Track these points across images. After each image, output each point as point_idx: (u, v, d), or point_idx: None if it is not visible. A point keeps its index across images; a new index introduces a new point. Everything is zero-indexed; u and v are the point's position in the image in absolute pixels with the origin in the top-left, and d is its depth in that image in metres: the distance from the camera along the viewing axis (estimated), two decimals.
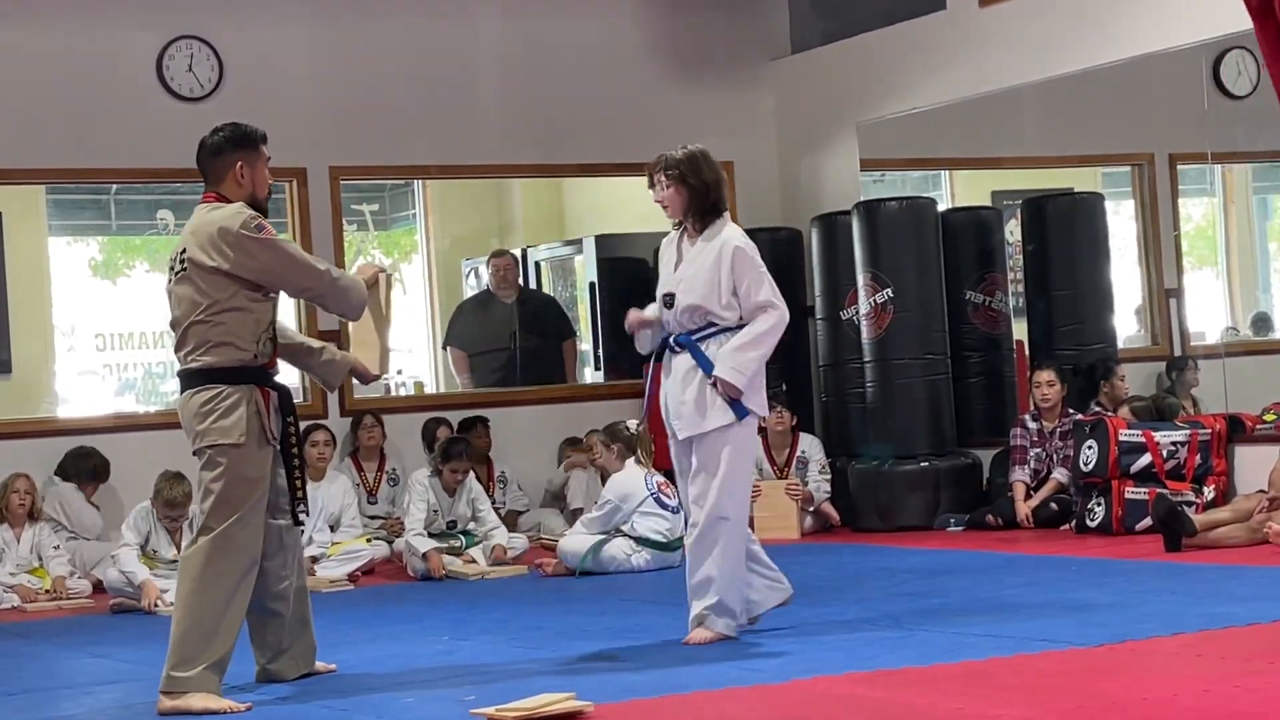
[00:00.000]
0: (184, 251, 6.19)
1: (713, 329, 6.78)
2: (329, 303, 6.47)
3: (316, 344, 6.75)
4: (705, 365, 6.73)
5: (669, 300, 6.84)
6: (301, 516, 6.34)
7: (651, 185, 7.01)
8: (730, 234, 6.89)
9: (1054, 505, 10.48)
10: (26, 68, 11.11)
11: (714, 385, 6.68)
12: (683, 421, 6.75)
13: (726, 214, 7.00)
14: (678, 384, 6.78)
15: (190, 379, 6.18)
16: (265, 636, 6.41)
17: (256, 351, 6.15)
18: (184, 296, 6.17)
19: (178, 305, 6.21)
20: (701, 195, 6.91)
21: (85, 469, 10.68)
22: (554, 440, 12.20)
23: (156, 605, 8.92)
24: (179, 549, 9.23)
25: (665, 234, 13.56)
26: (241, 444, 6.06)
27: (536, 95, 12.33)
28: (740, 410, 6.69)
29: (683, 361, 6.80)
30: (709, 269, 6.78)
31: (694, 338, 6.78)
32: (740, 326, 6.76)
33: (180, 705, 5.90)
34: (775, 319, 6.80)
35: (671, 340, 6.86)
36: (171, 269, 6.26)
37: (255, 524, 6.13)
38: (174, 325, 6.25)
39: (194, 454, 6.21)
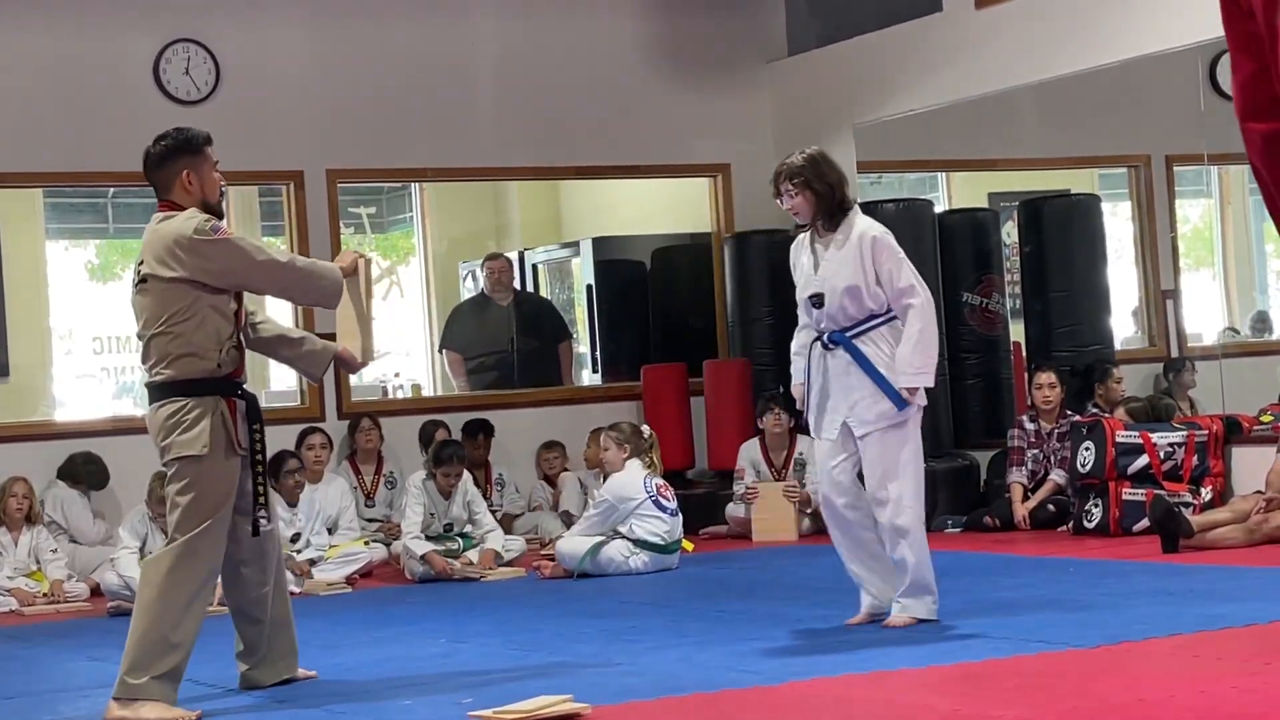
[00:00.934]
0: (141, 264, 6.13)
1: (866, 323, 6.90)
2: (297, 294, 6.41)
3: (297, 334, 6.65)
4: (864, 363, 6.85)
5: (818, 300, 6.97)
6: (262, 524, 6.24)
7: (778, 195, 7.09)
8: (865, 225, 6.99)
9: (1051, 506, 10.49)
10: (23, 71, 11.11)
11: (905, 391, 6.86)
12: (855, 418, 6.89)
13: (855, 207, 7.09)
14: (839, 381, 6.93)
15: (156, 392, 6.12)
16: (245, 642, 6.38)
17: (220, 360, 6.08)
18: (144, 309, 6.11)
19: (139, 317, 6.16)
20: (828, 198, 7.00)
21: (91, 474, 10.67)
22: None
23: None
24: None
25: (661, 236, 13.50)
26: (204, 455, 5.99)
27: (533, 98, 12.34)
28: (900, 403, 6.86)
29: (840, 360, 6.92)
30: (851, 262, 6.91)
31: (848, 335, 6.90)
32: (888, 314, 6.88)
33: (127, 715, 5.85)
34: (919, 309, 6.88)
35: (825, 338, 6.97)
36: (133, 281, 6.21)
37: (219, 534, 6.06)
38: (138, 337, 6.21)
39: (164, 466, 6.17)
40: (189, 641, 5.98)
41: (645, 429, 10.17)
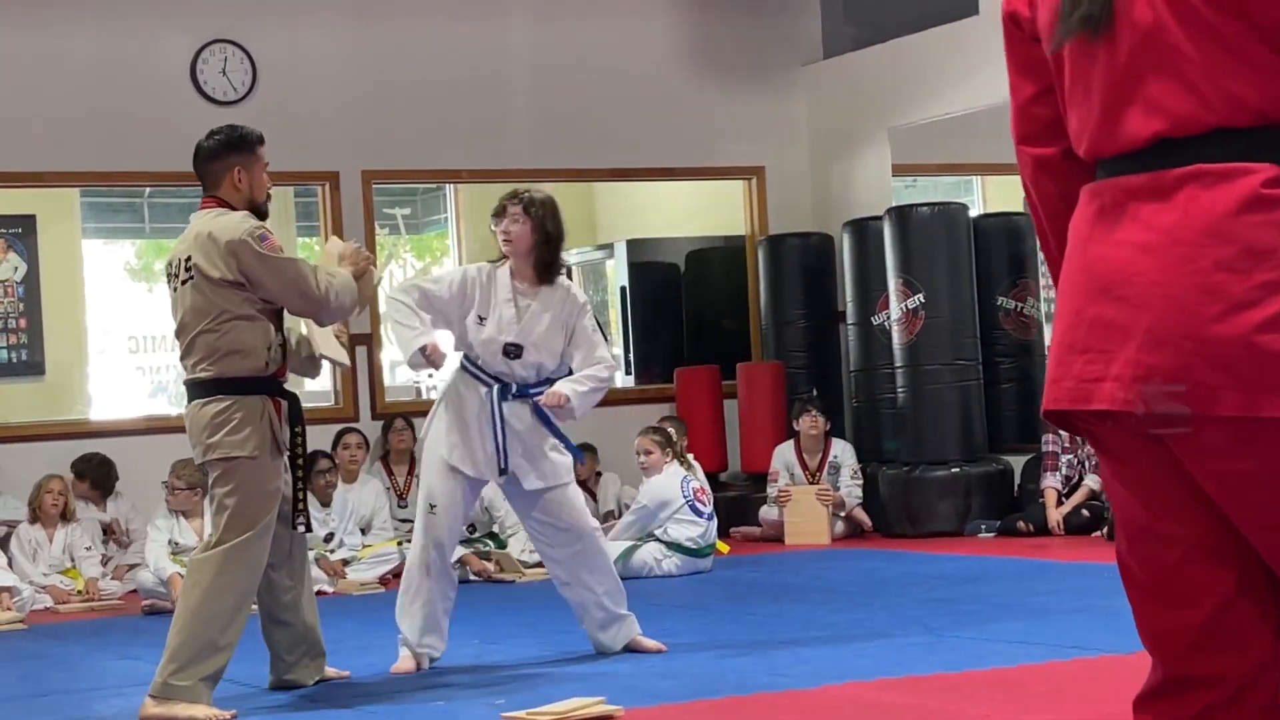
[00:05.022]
0: (188, 259, 6.04)
1: (546, 384, 6.80)
2: (323, 319, 6.26)
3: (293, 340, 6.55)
4: (548, 423, 6.83)
5: (514, 350, 6.85)
6: (300, 527, 6.26)
7: (501, 214, 6.96)
8: (573, 288, 7.06)
9: (1086, 512, 10.46)
10: (61, 71, 11.16)
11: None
12: (536, 473, 6.82)
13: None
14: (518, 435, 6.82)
15: (199, 389, 6.05)
16: (275, 645, 6.37)
17: (268, 360, 6.04)
18: (190, 305, 6.04)
19: (183, 313, 6.08)
20: (555, 244, 6.94)
21: (100, 477, 10.64)
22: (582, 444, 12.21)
23: None
24: (200, 537, 9.41)
25: (695, 238, 13.56)
26: (256, 457, 5.96)
27: (568, 100, 12.35)
28: (578, 454, 7.17)
29: (520, 414, 6.80)
30: (560, 324, 6.84)
31: (531, 391, 6.77)
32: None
33: (164, 713, 5.83)
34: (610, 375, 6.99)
35: (514, 390, 6.81)
36: (174, 275, 6.12)
37: (266, 537, 6.04)
38: (179, 333, 6.12)
39: (199, 466, 6.15)
40: (234, 644, 5.98)
41: (671, 428, 10.19)
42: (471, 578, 9.82)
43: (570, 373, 6.73)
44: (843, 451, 11.51)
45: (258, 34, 11.57)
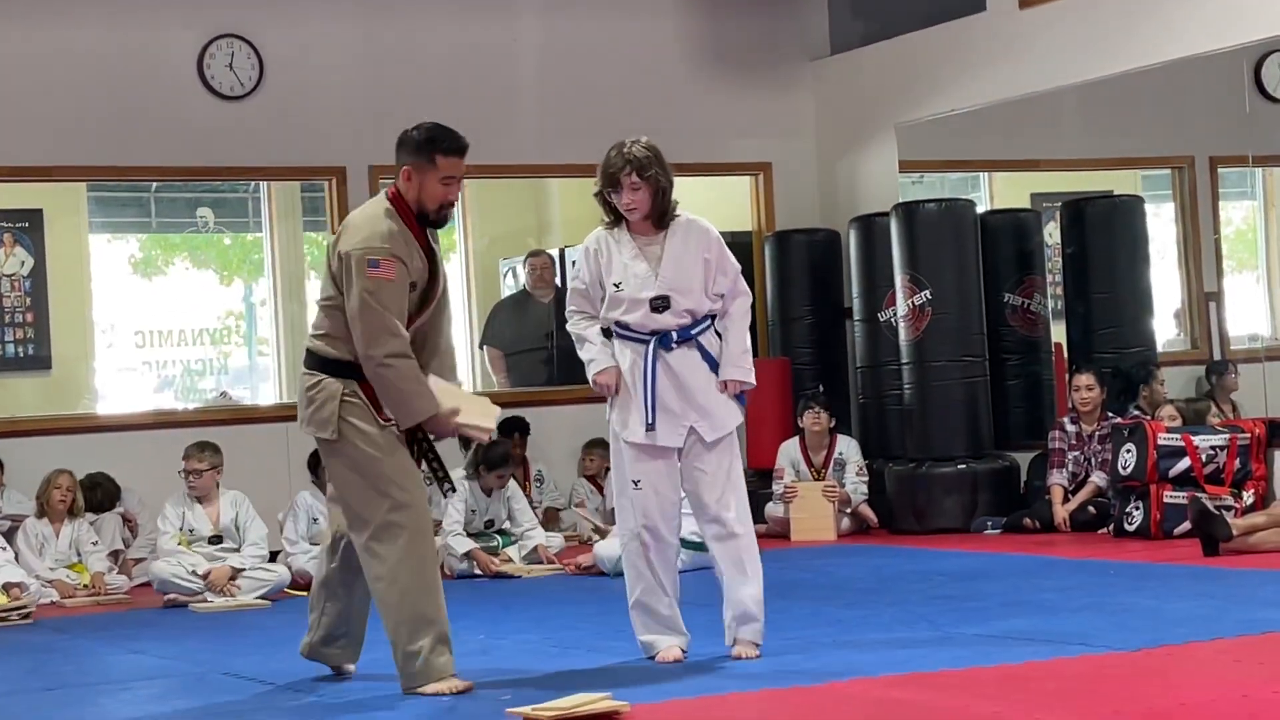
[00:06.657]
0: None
1: (705, 322, 6.47)
2: (376, 387, 6.05)
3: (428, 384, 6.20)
4: (714, 363, 6.44)
5: (662, 303, 6.49)
6: (447, 491, 6.36)
7: (613, 186, 6.73)
8: (696, 219, 6.77)
9: (1092, 509, 10.45)
10: (68, 65, 11.17)
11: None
12: (709, 423, 6.42)
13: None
14: (684, 383, 6.43)
15: (306, 356, 6.20)
16: (324, 614, 6.35)
17: (354, 351, 6.04)
18: (322, 277, 6.25)
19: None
20: (669, 192, 6.78)
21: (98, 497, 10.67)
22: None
23: (233, 590, 9.30)
24: (215, 523, 9.59)
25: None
26: (336, 439, 6.01)
27: (575, 95, 12.35)
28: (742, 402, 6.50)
29: (687, 360, 6.46)
30: (695, 261, 6.57)
31: (694, 334, 6.45)
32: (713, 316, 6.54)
33: (416, 689, 5.93)
34: (748, 307, 6.63)
35: (674, 336, 6.46)
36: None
37: (415, 503, 5.99)
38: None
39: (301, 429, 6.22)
40: (439, 606, 6.01)
41: None
42: (476, 572, 9.83)
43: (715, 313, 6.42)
44: (848, 448, 11.50)
45: (265, 28, 11.57)
